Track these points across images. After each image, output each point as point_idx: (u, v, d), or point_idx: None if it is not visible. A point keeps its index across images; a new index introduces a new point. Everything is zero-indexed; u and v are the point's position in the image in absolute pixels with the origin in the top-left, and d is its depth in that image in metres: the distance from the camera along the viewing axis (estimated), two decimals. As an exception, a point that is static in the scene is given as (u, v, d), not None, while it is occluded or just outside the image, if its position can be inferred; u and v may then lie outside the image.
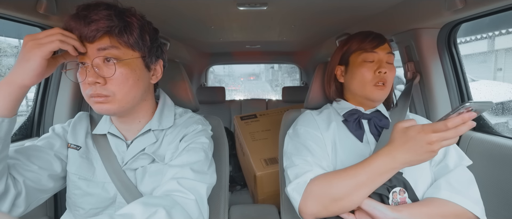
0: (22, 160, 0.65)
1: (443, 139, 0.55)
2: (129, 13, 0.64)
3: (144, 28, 0.66)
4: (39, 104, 1.10)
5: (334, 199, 0.65)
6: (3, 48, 2.14)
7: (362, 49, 0.82)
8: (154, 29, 0.71)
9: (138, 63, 0.66)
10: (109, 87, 0.62)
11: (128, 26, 0.62)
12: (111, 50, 0.62)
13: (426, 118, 1.17)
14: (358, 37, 0.84)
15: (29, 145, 0.70)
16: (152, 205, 0.52)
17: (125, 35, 0.62)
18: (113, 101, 0.63)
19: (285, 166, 0.80)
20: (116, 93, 0.63)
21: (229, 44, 2.13)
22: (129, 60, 0.64)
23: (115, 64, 0.62)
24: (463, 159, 0.75)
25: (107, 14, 0.60)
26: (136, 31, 0.64)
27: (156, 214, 0.51)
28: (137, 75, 0.66)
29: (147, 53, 0.67)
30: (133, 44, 0.64)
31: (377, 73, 0.79)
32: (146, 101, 0.74)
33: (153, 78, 0.72)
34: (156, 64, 0.72)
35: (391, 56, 0.82)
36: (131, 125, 0.74)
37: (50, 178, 0.69)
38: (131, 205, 0.53)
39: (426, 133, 0.56)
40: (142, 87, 0.68)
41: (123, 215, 0.49)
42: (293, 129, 0.86)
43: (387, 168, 0.62)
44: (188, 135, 0.73)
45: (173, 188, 0.61)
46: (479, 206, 0.67)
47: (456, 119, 0.53)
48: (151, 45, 0.68)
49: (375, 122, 0.82)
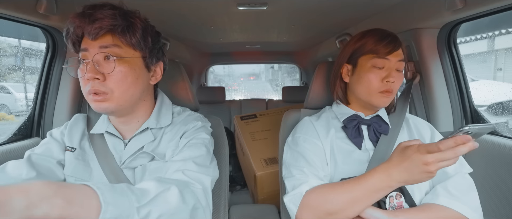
0: (30, 177, 0.66)
1: (440, 160, 0.54)
2: (133, 14, 0.66)
3: (146, 30, 0.67)
4: (39, 104, 1.10)
5: (329, 213, 0.65)
6: (3, 48, 2.14)
7: (374, 53, 0.76)
8: (156, 32, 0.72)
9: (138, 63, 0.67)
10: (107, 84, 0.63)
11: (131, 26, 0.64)
12: (113, 48, 0.63)
13: (426, 118, 1.17)
14: (375, 36, 0.78)
15: (29, 154, 0.71)
16: (165, 182, 0.54)
17: (128, 34, 0.63)
18: (111, 99, 0.64)
19: (283, 175, 0.80)
20: (114, 90, 0.64)
21: (229, 44, 2.13)
22: (129, 58, 0.65)
23: (115, 61, 0.63)
24: (463, 166, 0.74)
25: (111, 14, 0.61)
26: (139, 31, 0.65)
27: (170, 190, 0.53)
28: (136, 74, 0.66)
29: (148, 53, 0.68)
30: (134, 44, 0.65)
31: (385, 82, 0.76)
32: (145, 102, 0.74)
33: (153, 80, 0.73)
34: (156, 66, 0.73)
35: (402, 64, 0.78)
36: (129, 124, 0.74)
37: None
38: (145, 181, 0.54)
39: (421, 153, 0.55)
40: (140, 87, 0.69)
41: (139, 189, 0.51)
42: (292, 137, 0.85)
43: (383, 185, 0.61)
44: (188, 132, 0.73)
45: (180, 178, 0.60)
46: (478, 213, 0.67)
47: (449, 141, 0.52)
48: (153, 47, 0.70)
49: (375, 128, 0.81)
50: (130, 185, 0.49)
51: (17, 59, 2.30)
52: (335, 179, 0.76)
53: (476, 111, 1.10)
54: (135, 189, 0.49)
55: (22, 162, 0.68)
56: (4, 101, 3.33)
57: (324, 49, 2.10)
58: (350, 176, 0.72)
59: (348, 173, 0.74)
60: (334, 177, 0.76)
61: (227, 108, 2.65)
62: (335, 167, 0.77)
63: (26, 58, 2.23)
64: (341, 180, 0.73)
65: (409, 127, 0.84)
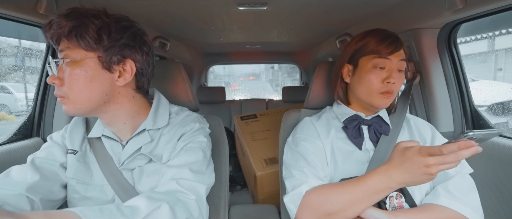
0: (35, 180, 0.66)
1: (441, 163, 0.53)
2: (88, 13, 0.62)
3: (103, 28, 0.62)
4: (39, 104, 1.10)
5: (329, 213, 0.65)
6: (3, 48, 2.14)
7: (375, 53, 0.76)
8: (122, 27, 0.65)
9: (92, 64, 0.63)
10: (63, 88, 0.64)
11: (80, 27, 0.61)
12: (66, 52, 0.63)
13: (426, 118, 1.17)
14: (376, 37, 0.77)
15: (32, 158, 0.71)
16: (156, 200, 0.54)
17: (74, 35, 0.61)
18: (68, 102, 0.64)
19: (283, 175, 0.80)
20: (69, 94, 0.64)
21: (229, 44, 2.13)
22: (79, 60, 0.62)
23: (67, 65, 0.63)
24: (464, 166, 0.74)
25: (65, 15, 0.61)
26: (90, 31, 0.61)
27: (160, 208, 0.53)
28: (90, 76, 0.63)
29: (103, 53, 0.63)
30: (84, 45, 0.61)
31: (386, 83, 0.75)
32: (120, 105, 0.70)
33: (120, 80, 0.67)
34: (123, 65, 0.66)
35: (403, 64, 0.77)
36: (116, 126, 0.73)
37: (61, 187, 0.72)
38: (136, 198, 0.54)
39: (423, 155, 0.55)
40: (99, 89, 0.64)
41: (129, 207, 0.51)
42: (292, 138, 0.85)
43: (383, 186, 0.61)
44: (186, 134, 0.73)
45: (173, 189, 0.61)
46: (478, 213, 0.67)
47: (452, 145, 0.52)
48: (111, 45, 0.63)
49: (375, 128, 0.81)
50: (120, 205, 0.50)
51: (17, 59, 2.30)
52: (335, 179, 0.75)
53: (476, 111, 1.10)
54: (125, 208, 0.50)
55: (26, 166, 0.68)
56: (4, 101, 3.33)
57: (324, 49, 2.10)
58: (350, 176, 0.72)
59: (348, 173, 0.74)
60: (334, 177, 0.76)
61: (227, 109, 2.65)
62: (335, 167, 0.77)
63: (26, 58, 2.23)
64: (341, 180, 0.73)
65: (410, 127, 0.84)
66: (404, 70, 0.79)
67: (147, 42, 0.71)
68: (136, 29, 0.69)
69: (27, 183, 0.64)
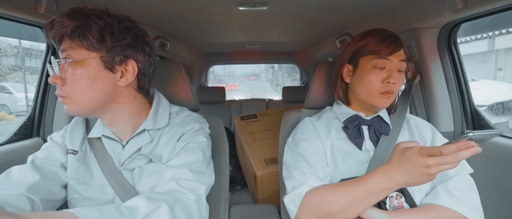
0: (35, 180, 0.66)
1: (441, 163, 0.54)
2: (91, 13, 0.62)
3: (106, 28, 0.62)
4: (39, 104, 1.10)
5: (329, 214, 0.65)
6: (3, 48, 2.14)
7: (375, 53, 0.75)
8: (125, 27, 0.65)
9: (94, 64, 0.63)
10: (65, 88, 0.64)
11: (83, 26, 0.61)
12: (69, 52, 0.63)
13: (426, 118, 1.17)
14: (377, 37, 0.77)
15: (32, 159, 0.71)
16: (155, 200, 0.54)
17: (77, 35, 0.61)
18: (70, 102, 0.64)
19: (283, 176, 0.80)
20: (71, 94, 0.64)
21: (229, 44, 2.13)
22: (81, 60, 0.63)
23: (69, 64, 0.63)
24: (464, 166, 0.74)
25: (68, 15, 0.61)
26: (93, 31, 0.61)
27: (160, 208, 0.53)
28: (92, 76, 0.63)
29: (105, 53, 0.64)
30: (87, 45, 0.62)
31: (385, 83, 0.75)
32: (121, 105, 0.70)
33: (122, 81, 0.67)
34: (125, 66, 0.67)
35: (403, 64, 0.77)
36: (116, 127, 0.73)
37: (61, 187, 0.72)
38: (135, 198, 0.54)
39: (423, 156, 0.55)
40: (101, 89, 0.65)
41: (128, 207, 0.51)
42: (292, 138, 0.85)
43: (383, 187, 0.61)
44: (185, 134, 0.73)
45: (172, 189, 0.61)
46: (478, 213, 0.67)
47: (452, 146, 0.52)
48: (114, 45, 0.64)
49: (375, 128, 0.81)
50: (119, 206, 0.50)
51: (17, 59, 2.30)
52: (336, 180, 0.75)
53: (476, 111, 1.10)
54: (125, 209, 0.50)
55: (26, 167, 0.68)
56: (4, 102, 3.33)
57: (324, 49, 2.10)
58: (350, 176, 0.72)
59: (349, 174, 0.74)
60: (334, 177, 0.76)
61: (227, 108, 2.65)
62: (335, 167, 0.77)
63: (26, 58, 2.23)
64: (342, 180, 0.73)
65: (410, 127, 0.84)
66: (404, 71, 0.79)
67: (148, 42, 0.71)
68: (138, 30, 0.69)
69: (28, 183, 0.64)
